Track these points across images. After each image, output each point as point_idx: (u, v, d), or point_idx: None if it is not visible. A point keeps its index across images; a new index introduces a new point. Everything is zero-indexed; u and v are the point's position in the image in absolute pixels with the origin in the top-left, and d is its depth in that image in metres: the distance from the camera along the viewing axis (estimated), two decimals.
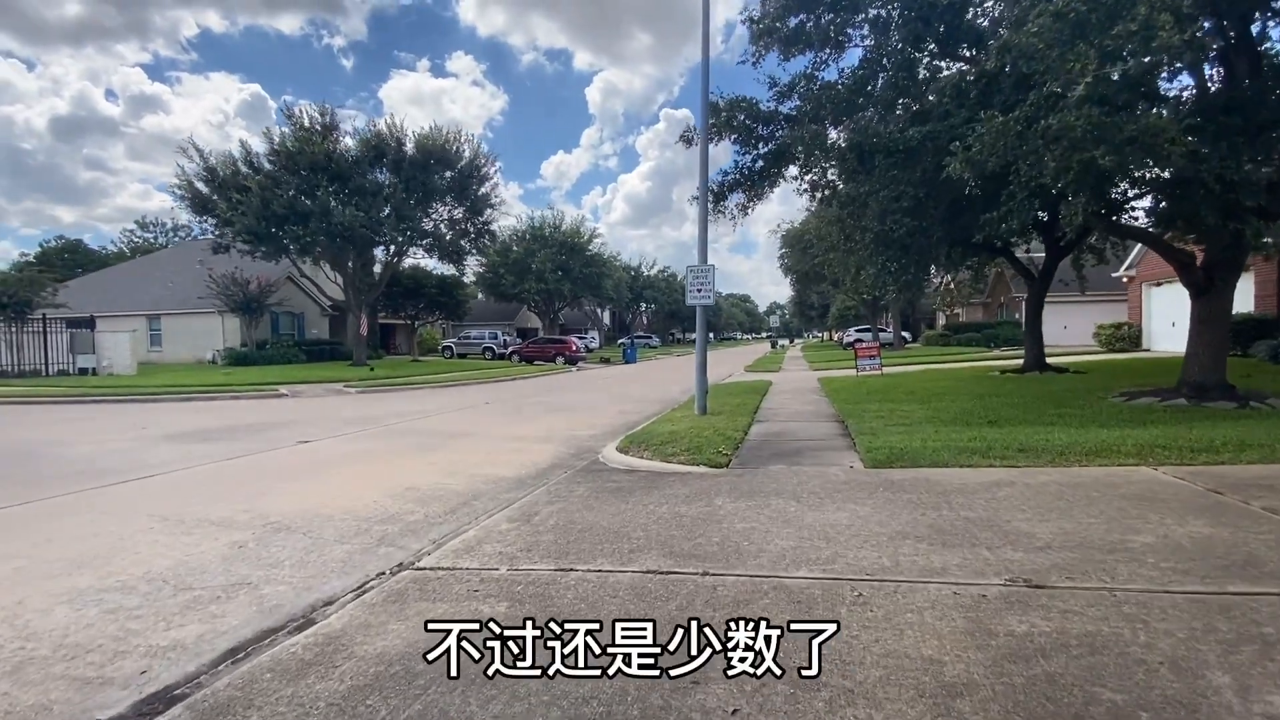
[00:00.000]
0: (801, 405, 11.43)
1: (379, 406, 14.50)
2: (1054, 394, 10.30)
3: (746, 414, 9.96)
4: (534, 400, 15.40)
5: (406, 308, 33.10)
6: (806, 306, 73.25)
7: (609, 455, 7.35)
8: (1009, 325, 34.19)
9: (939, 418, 8.54)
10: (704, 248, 9.99)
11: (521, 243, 41.77)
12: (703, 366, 10.06)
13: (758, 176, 11.53)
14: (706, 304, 9.97)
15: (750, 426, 8.82)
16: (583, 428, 10.45)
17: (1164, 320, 21.20)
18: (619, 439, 8.38)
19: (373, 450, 8.54)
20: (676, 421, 9.33)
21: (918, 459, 5.92)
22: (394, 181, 22.97)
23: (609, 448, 7.81)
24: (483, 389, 19.83)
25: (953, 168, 6.80)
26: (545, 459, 7.71)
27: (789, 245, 38.83)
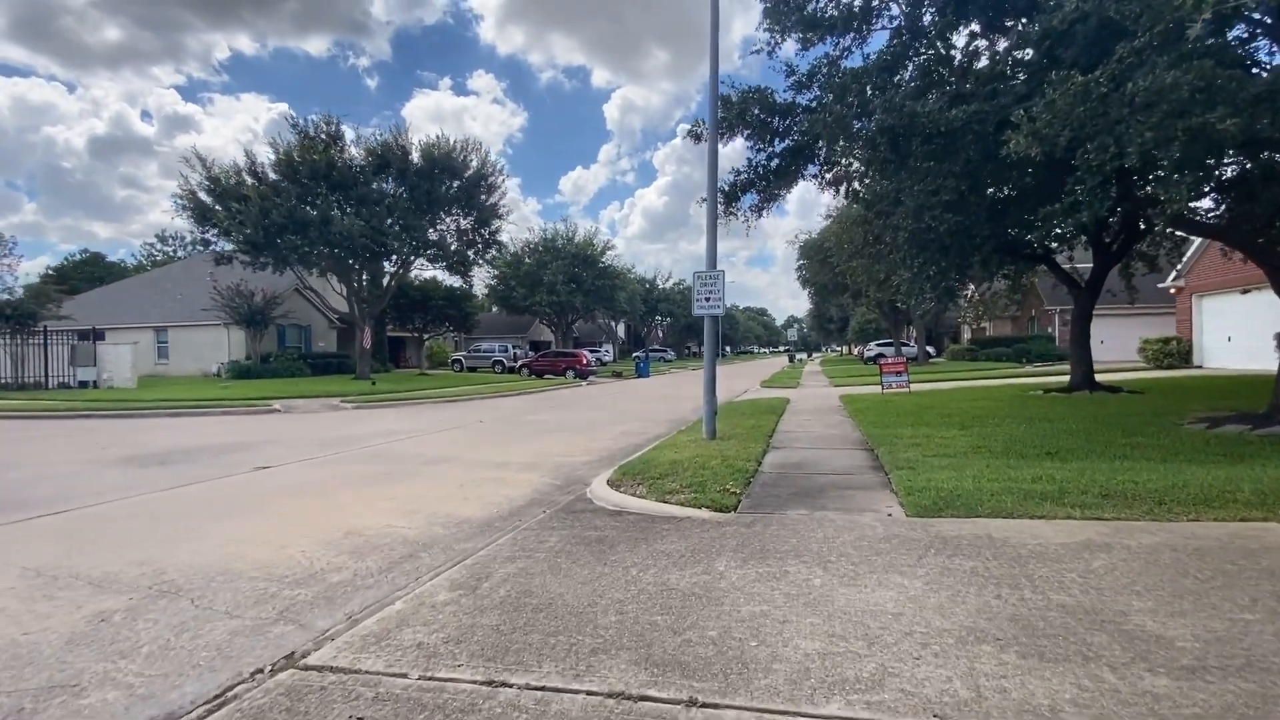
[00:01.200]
0: (823, 428, 10.26)
1: (368, 424, 13.58)
2: (1116, 419, 9.01)
3: (761, 439, 8.82)
4: (533, 418, 14.39)
5: (415, 320, 32.44)
6: (825, 320, 71.69)
7: (598, 490, 6.26)
8: (1041, 339, 32.58)
9: (987, 447, 7.33)
10: (713, 252, 8.93)
11: (533, 254, 41.08)
12: (712, 385, 8.96)
13: (773, 176, 10.47)
14: (716, 314, 8.89)
15: (765, 455, 7.68)
16: (578, 451, 9.38)
17: (1217, 334, 19.62)
18: (614, 468, 7.30)
19: (334, 479, 7.55)
20: (681, 447, 8.22)
21: (974, 505, 4.75)
22: (398, 191, 22.31)
23: (600, 479, 6.73)
24: (484, 405, 18.89)
25: (1015, 144, 5.67)
26: (525, 493, 6.65)
27: (807, 256, 37.61)
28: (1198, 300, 20.28)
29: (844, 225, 15.34)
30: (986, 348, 35.60)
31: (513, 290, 39.40)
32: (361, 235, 20.57)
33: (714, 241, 8.94)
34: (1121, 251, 12.80)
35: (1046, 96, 5.38)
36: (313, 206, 20.61)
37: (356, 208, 21.67)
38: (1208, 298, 19.92)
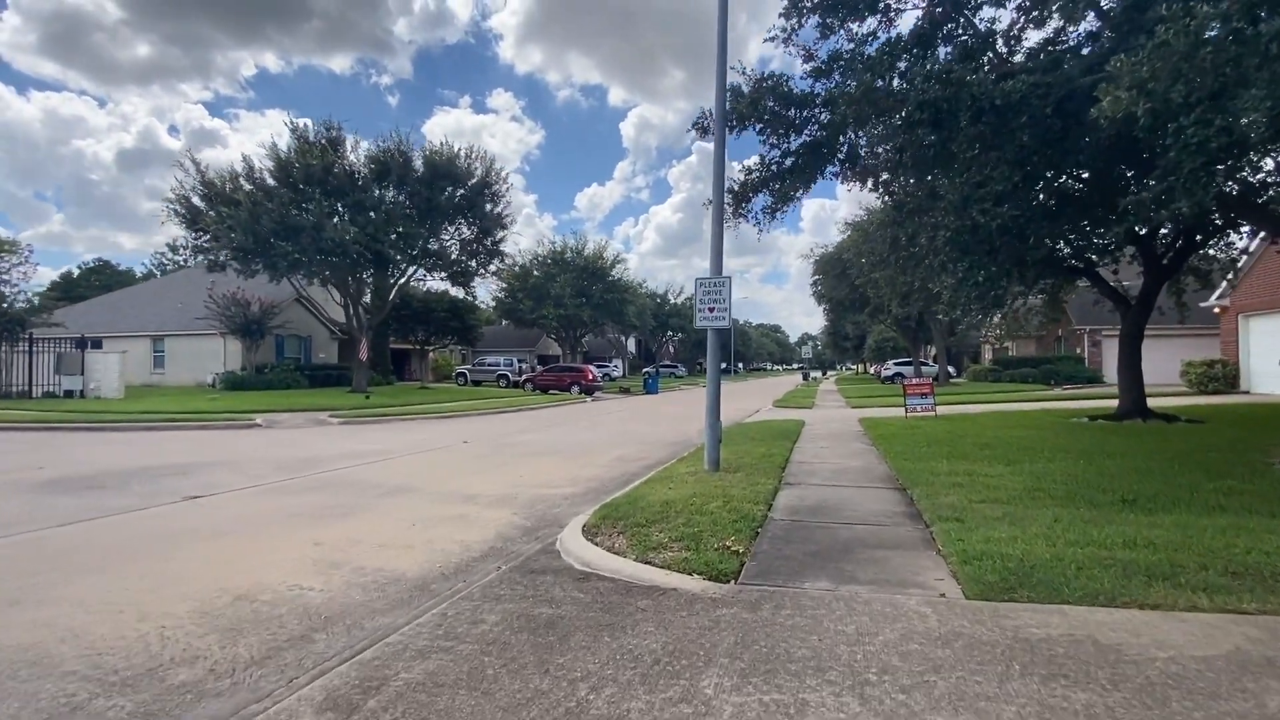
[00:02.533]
0: (844, 458, 9.02)
1: (346, 443, 12.53)
2: (1188, 455, 7.70)
3: (771, 472, 7.61)
4: (525, 438, 13.26)
5: (417, 332, 31.54)
6: (841, 337, 70.11)
7: (569, 540, 5.10)
8: (1069, 360, 31.01)
9: (1045, 490, 6.08)
10: (718, 256, 7.81)
11: (542, 267, 40.23)
12: (715, 407, 7.79)
13: (789, 175, 9.34)
14: (721, 326, 7.74)
15: (776, 494, 6.48)
16: (562, 481, 8.23)
17: (1268, 358, 18.10)
18: (596, 506, 6.14)
19: (269, 513, 6.45)
20: (678, 482, 7.04)
21: (1056, 584, 3.53)
22: (398, 199, 21.49)
23: (576, 523, 5.57)
24: (478, 422, 17.80)
25: (1109, 102, 4.49)
26: (484, 537, 5.51)
27: (823, 271, 36.33)
28: (1245, 320, 18.79)
29: (866, 233, 14.19)
30: (1011, 368, 34.01)
31: (519, 303, 38.50)
32: (356, 242, 19.71)
33: (720, 244, 7.82)
34: (1175, 264, 11.50)
35: (1158, 37, 4.20)
36: (307, 213, 19.79)
37: (353, 215, 20.84)
38: (1256, 317, 18.43)
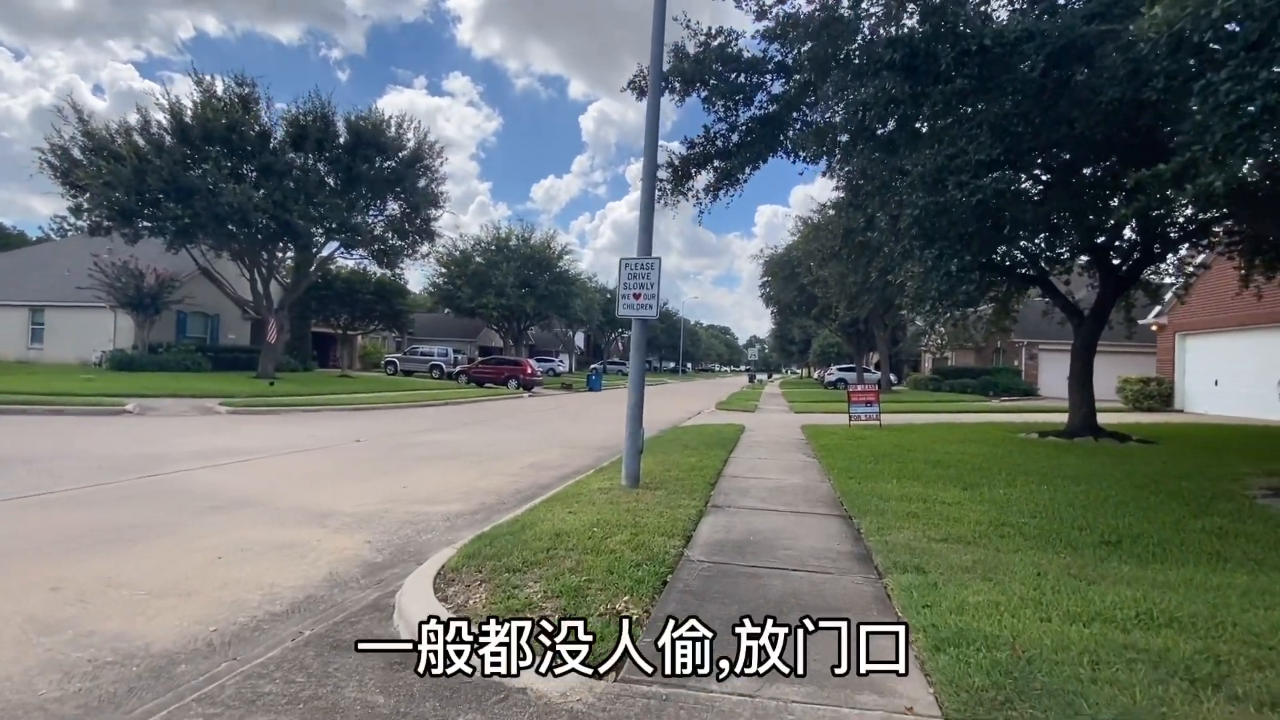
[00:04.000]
0: (783, 472, 7.97)
1: (218, 437, 10.74)
2: (1156, 483, 6.96)
3: (699, 489, 6.45)
4: (433, 438, 11.74)
5: (340, 315, 29.11)
6: (787, 341, 70.49)
7: (411, 592, 3.77)
8: (1007, 372, 31.41)
9: (1013, 525, 5.11)
10: (647, 233, 6.58)
11: (484, 253, 38.28)
12: (637, 412, 6.56)
13: (735, 151, 8.21)
14: (647, 316, 6.52)
15: (699, 520, 5.30)
16: (452, 495, 6.85)
17: (1202, 377, 18.29)
18: (472, 534, 4.82)
19: (22, 535, 4.85)
20: (585, 502, 5.79)
21: (1066, 693, 2.45)
22: (314, 166, 19.38)
23: (435, 562, 4.24)
24: (391, 416, 16.07)
25: (1161, 8, 3.48)
26: (306, 580, 4.12)
27: (772, 273, 35.82)
28: (1181, 339, 18.98)
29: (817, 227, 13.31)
30: (950, 378, 34.32)
31: (458, 290, 36.44)
32: (260, 210, 17.55)
33: (649, 220, 6.59)
34: (1132, 276, 11.02)
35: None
36: (206, 174, 17.51)
37: (262, 180, 18.64)
38: (1193, 337, 18.62)
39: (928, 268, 6.13)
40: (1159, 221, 8.61)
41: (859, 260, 9.78)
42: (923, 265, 6.17)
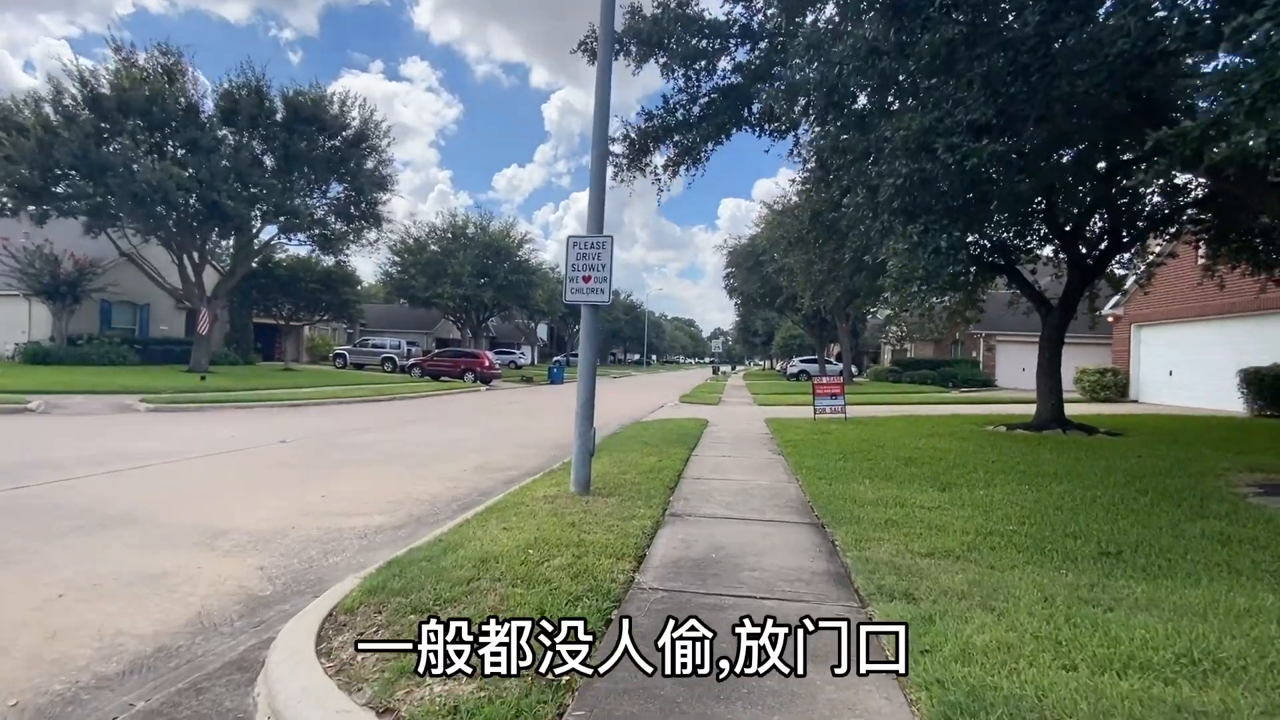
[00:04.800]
0: (748, 472, 7.38)
1: (128, 439, 9.62)
2: (1139, 480, 6.61)
3: (657, 495, 5.80)
4: (368, 437, 10.80)
5: (283, 305, 27.44)
6: (750, 333, 70.64)
7: (286, 646, 3.00)
8: (966, 364, 31.78)
9: (1001, 533, 4.61)
10: (598, 209, 5.85)
11: (440, 241, 36.84)
12: (588, 409, 5.84)
13: (696, 124, 7.53)
14: (599, 302, 5.80)
15: (656, 534, 4.64)
16: (377, 505, 6.03)
17: (1157, 367, 18.54)
18: (390, 556, 4.06)
19: None
20: (525, 514, 5.07)
21: None
22: (244, 142, 17.92)
23: (324, 601, 3.48)
24: (330, 413, 14.97)
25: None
26: (165, 626, 3.32)
27: (736, 264, 35.46)
28: (1137, 330, 19.21)
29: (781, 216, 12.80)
30: (910, 369, 34.60)
31: (412, 279, 34.97)
32: (183, 189, 16.10)
33: (601, 193, 5.85)
34: (1101, 265, 10.81)
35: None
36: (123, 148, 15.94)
37: (187, 157, 17.15)
38: (1148, 328, 18.85)
39: (913, 244, 5.53)
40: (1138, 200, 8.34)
41: (826, 245, 9.27)
42: (907, 241, 5.57)
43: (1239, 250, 10.48)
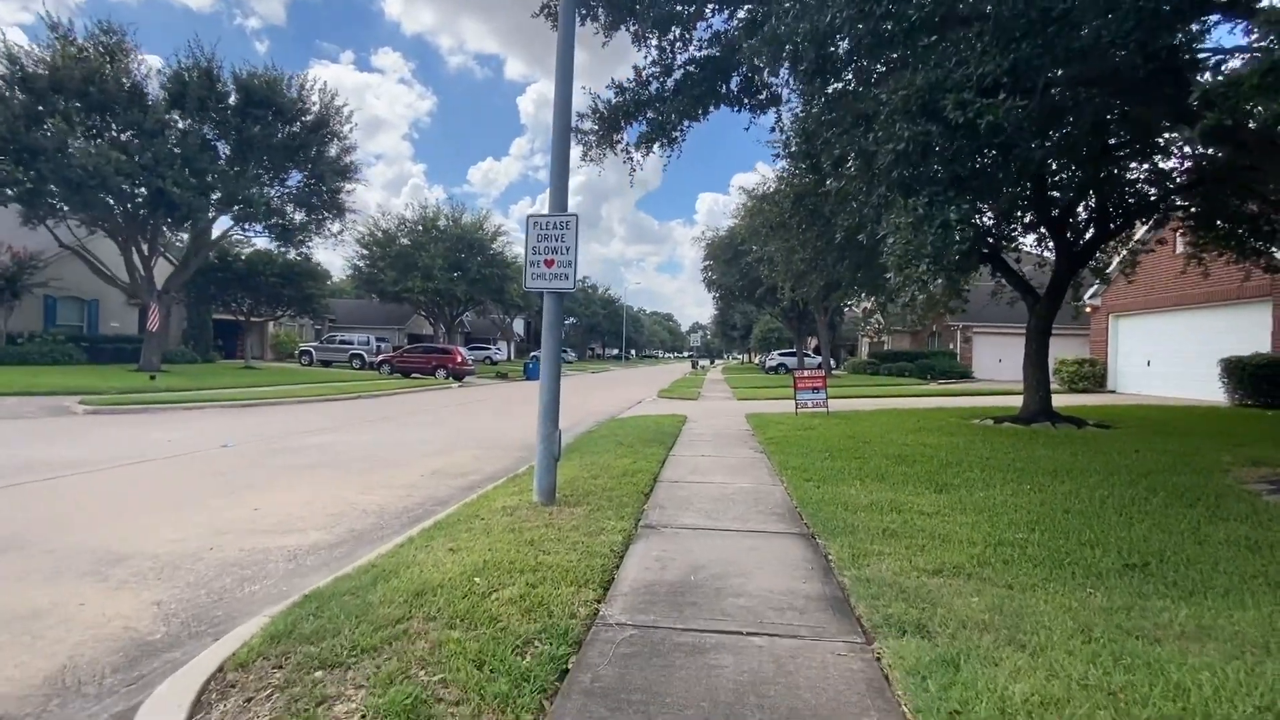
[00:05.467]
0: (729, 474, 6.86)
1: (50, 445, 8.76)
2: (1146, 477, 6.23)
3: (629, 502, 5.23)
4: (318, 440, 10.05)
5: (242, 300, 26.21)
6: (729, 327, 70.48)
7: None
8: (943, 355, 31.79)
9: (1012, 543, 4.13)
10: (563, 181, 5.24)
11: (411, 234, 35.73)
12: (552, 413, 5.24)
13: (673, 95, 6.95)
14: (562, 289, 5.20)
15: (627, 551, 4.08)
16: (315, 519, 5.37)
17: (1135, 358, 18.50)
18: (318, 584, 3.43)
19: None
20: (477, 531, 4.47)
21: None
22: (193, 126, 16.84)
23: (214, 652, 2.84)
24: (283, 413, 14.11)
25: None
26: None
27: (714, 256, 35.00)
28: (1114, 321, 19.16)
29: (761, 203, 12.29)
30: (887, 361, 34.54)
31: (381, 273, 33.85)
32: (123, 174, 15.02)
33: (564, 168, 5.24)
34: (1088, 251, 10.50)
35: None
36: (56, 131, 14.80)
37: (130, 142, 16.04)
38: (1125, 318, 18.81)
39: (918, 217, 4.96)
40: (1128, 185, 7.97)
41: (810, 231, 8.79)
42: (910, 215, 4.99)
43: (1224, 237, 10.26)
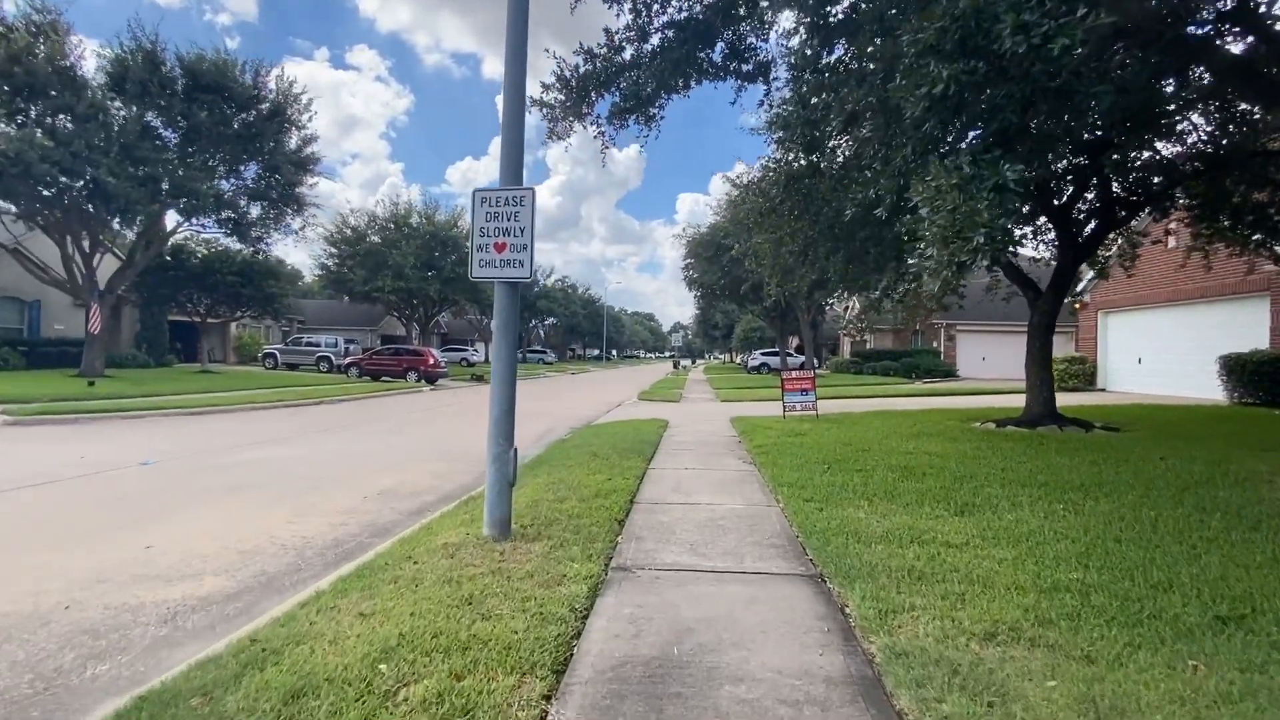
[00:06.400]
0: (717, 492, 6.02)
1: None
2: (1180, 491, 5.53)
3: (600, 535, 4.37)
4: (261, 454, 9.02)
5: (198, 300, 24.74)
6: (710, 326, 69.87)
7: None
8: (928, 354, 31.42)
9: (1068, 587, 3.36)
10: (516, 149, 4.34)
11: (381, 231, 34.44)
12: (505, 427, 4.35)
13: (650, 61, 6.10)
14: (517, 278, 4.32)
15: (592, 609, 3.21)
16: (217, 560, 4.42)
17: (1125, 355, 18.08)
18: (186, 664, 2.51)
19: None
20: (404, 582, 3.57)
21: None
22: (133, 113, 15.54)
23: None
24: (232, 422, 12.97)
25: None
26: None
27: (695, 254, 34.21)
28: (1104, 318, 18.75)
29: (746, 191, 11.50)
30: (871, 361, 34.10)
31: (350, 272, 32.53)
32: (48, 161, 13.74)
33: (518, 132, 4.34)
34: (1092, 244, 9.87)
35: None
36: None
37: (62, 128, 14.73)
38: (1115, 314, 18.39)
39: (965, 179, 4.05)
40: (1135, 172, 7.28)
41: (801, 219, 8.01)
42: (954, 176, 4.07)
43: (1229, 229, 9.74)
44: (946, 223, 3.69)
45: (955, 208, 3.65)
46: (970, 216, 3.60)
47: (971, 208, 3.61)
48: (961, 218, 3.61)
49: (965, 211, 3.61)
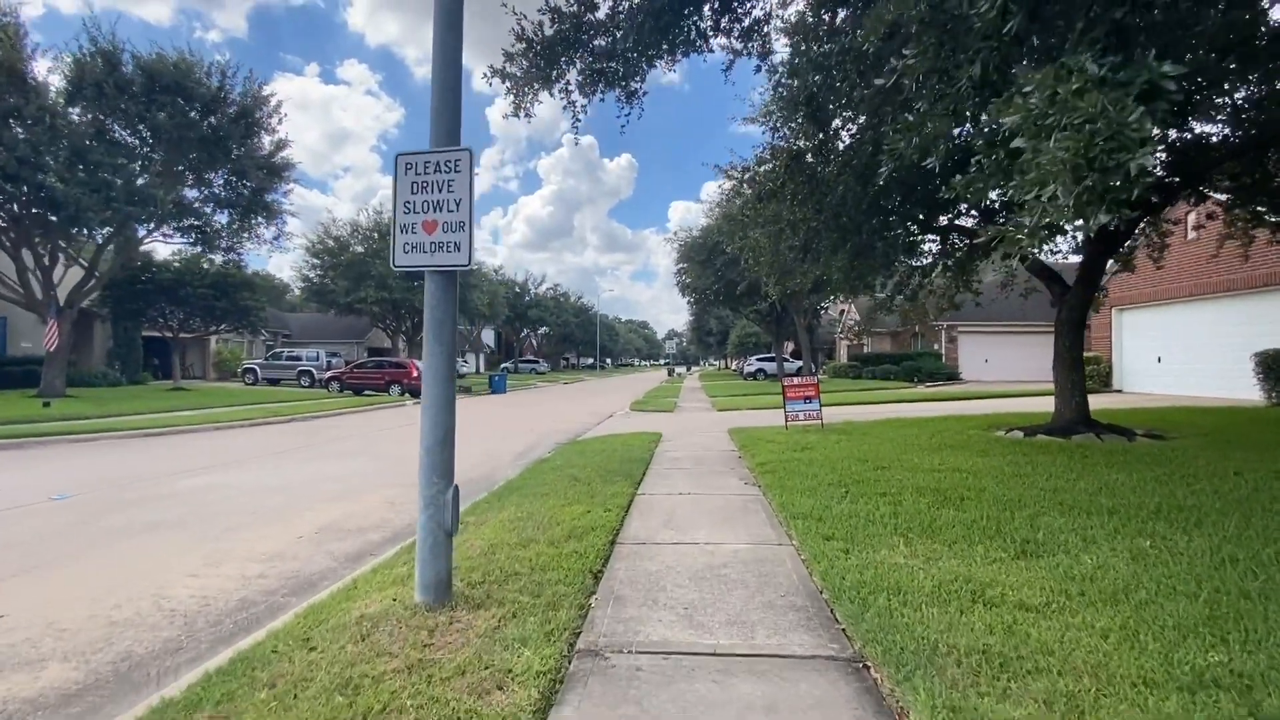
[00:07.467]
0: (716, 528, 5.04)
1: None
2: (1262, 511, 4.55)
3: (566, 600, 3.38)
4: (198, 481, 7.97)
5: (171, 315, 23.62)
6: (704, 333, 68.93)
7: None
8: (930, 356, 30.49)
9: (1213, 677, 2.38)
10: (451, 95, 3.37)
11: (364, 241, 33.45)
12: (439, 460, 3.36)
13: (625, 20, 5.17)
14: (453, 265, 3.33)
15: None
16: (79, 638, 3.40)
17: (1143, 355, 17.18)
18: None
19: None
20: (282, 686, 2.56)
21: None
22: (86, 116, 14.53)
23: None
24: (198, 441, 11.88)
25: None
26: None
27: (688, 258, 33.33)
28: (1119, 314, 17.87)
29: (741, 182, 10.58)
30: (870, 364, 33.20)
31: (332, 283, 31.50)
32: None
33: (455, 73, 3.38)
34: (1127, 231, 8.98)
35: None
36: None
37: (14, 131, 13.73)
38: (1130, 311, 17.51)
39: (1094, 80, 2.41)
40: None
41: (807, 204, 7.09)
42: (1078, 80, 2.61)
43: (1267, 214, 8.88)
44: (1075, 146, 2.63)
45: (1091, 118, 2.56)
46: (1120, 130, 2.52)
47: (1119, 119, 2.52)
48: (1104, 133, 2.50)
49: (1110, 122, 2.51)
